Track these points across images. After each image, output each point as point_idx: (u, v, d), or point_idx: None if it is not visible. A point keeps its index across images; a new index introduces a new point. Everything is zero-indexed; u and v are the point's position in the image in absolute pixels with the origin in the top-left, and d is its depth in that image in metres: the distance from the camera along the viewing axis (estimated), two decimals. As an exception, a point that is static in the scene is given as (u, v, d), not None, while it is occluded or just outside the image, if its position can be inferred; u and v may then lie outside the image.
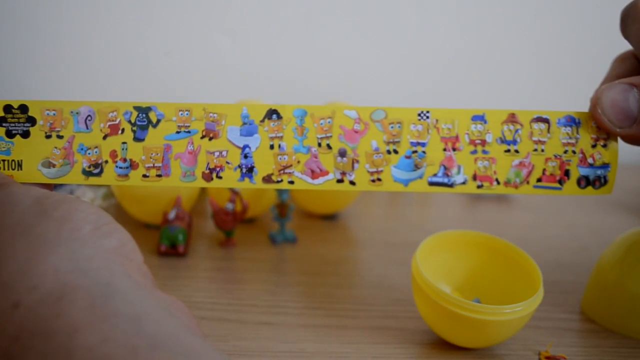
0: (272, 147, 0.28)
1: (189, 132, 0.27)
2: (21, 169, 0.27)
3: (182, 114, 0.27)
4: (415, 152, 0.28)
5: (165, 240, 0.42)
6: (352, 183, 0.28)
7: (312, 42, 0.84)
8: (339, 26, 0.84)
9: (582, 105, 0.30)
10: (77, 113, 0.27)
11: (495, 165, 0.27)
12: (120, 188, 0.45)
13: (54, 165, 0.27)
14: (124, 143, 0.27)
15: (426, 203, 0.61)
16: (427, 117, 0.28)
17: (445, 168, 0.27)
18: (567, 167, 0.26)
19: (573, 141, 0.26)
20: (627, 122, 0.24)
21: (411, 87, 0.89)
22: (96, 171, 0.27)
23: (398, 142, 0.28)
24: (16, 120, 0.27)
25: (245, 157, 0.28)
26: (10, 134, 0.27)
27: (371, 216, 0.56)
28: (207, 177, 0.28)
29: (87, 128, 0.27)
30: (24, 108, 0.27)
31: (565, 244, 0.50)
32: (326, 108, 0.28)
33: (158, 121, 0.27)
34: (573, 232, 0.53)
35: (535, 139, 0.27)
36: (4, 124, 0.27)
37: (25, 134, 0.27)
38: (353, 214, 0.55)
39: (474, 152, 0.27)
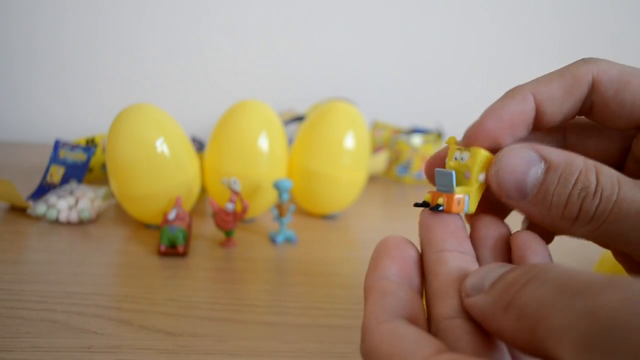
0: None
1: None
2: None
3: None
4: None
5: (165, 240, 0.42)
6: None
7: (312, 41, 0.84)
8: (339, 26, 0.84)
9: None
10: None
11: None
12: (121, 188, 0.45)
13: None
14: None
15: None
16: None
17: None
18: None
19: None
20: (517, 196, 0.20)
21: (411, 87, 0.89)
22: None
23: None
24: None
25: None
26: None
27: (371, 216, 0.56)
28: None
29: None
30: None
31: (565, 244, 0.50)
32: None
33: None
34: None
35: None
36: None
37: None
38: (353, 214, 0.55)
39: None
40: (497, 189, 0.21)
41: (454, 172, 0.21)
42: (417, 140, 0.69)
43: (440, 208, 0.21)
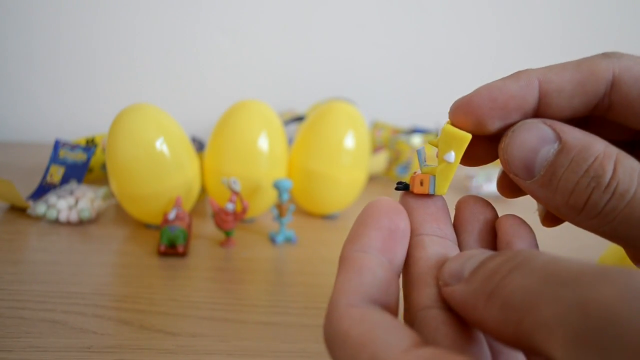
0: None
1: None
2: None
3: None
4: None
5: (165, 240, 0.42)
6: None
7: (313, 41, 0.84)
8: (339, 26, 0.84)
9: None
10: None
11: None
12: (120, 188, 0.45)
13: None
14: None
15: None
16: None
17: None
18: None
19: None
20: (524, 174, 0.19)
21: (411, 87, 0.89)
22: None
23: None
24: None
25: None
26: None
27: (371, 216, 0.56)
28: None
29: None
30: None
31: (565, 244, 0.50)
32: None
33: None
34: (573, 232, 0.53)
35: None
36: None
37: None
38: (353, 214, 0.55)
39: None
40: (504, 164, 0.19)
41: (420, 150, 0.20)
42: (417, 140, 0.69)
43: (401, 189, 0.20)
